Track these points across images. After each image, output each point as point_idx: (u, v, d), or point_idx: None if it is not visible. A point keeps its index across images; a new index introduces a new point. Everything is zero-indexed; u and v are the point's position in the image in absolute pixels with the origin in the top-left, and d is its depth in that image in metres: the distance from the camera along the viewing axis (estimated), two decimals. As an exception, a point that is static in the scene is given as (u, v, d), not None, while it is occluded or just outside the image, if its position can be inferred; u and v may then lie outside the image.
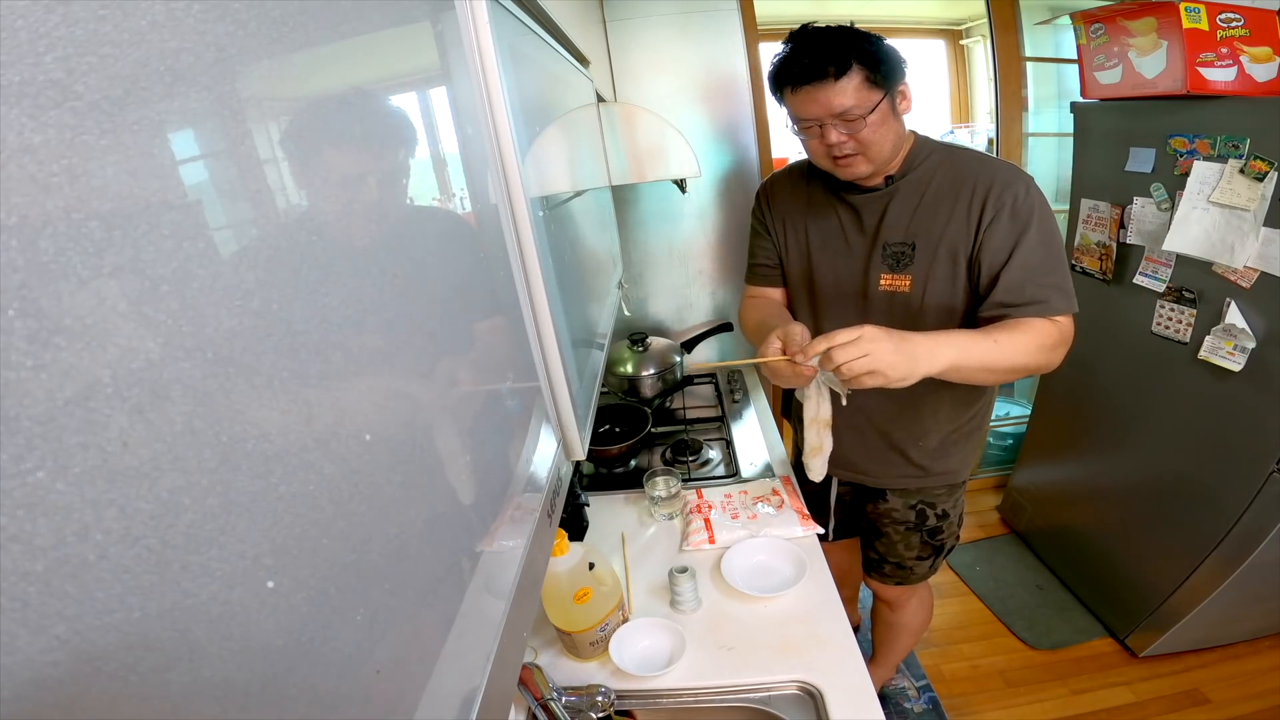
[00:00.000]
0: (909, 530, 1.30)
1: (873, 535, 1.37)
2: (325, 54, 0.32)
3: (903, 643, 1.57)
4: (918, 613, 1.50)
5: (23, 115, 0.16)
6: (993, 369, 0.95)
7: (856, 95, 0.91)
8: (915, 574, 1.36)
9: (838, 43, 0.90)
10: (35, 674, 0.15)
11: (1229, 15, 1.39)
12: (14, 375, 0.15)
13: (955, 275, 1.03)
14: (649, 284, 2.02)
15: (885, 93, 0.92)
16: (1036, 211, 0.98)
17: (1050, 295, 0.98)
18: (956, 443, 1.21)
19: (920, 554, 1.33)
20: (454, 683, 0.37)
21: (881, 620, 1.56)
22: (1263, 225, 1.33)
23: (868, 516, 1.36)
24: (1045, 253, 0.98)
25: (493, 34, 0.53)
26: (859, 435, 1.24)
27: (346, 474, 0.28)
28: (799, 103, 0.95)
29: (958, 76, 3.13)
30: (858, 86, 0.90)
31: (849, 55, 0.89)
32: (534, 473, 0.58)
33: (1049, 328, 0.98)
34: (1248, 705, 1.61)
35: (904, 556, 1.33)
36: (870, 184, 1.06)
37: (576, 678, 0.97)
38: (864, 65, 0.90)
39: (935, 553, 1.33)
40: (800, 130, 0.99)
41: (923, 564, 1.34)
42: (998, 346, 0.93)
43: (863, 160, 0.98)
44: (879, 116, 0.93)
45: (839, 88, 0.90)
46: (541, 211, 0.67)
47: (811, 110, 0.94)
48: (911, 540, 1.31)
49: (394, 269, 0.36)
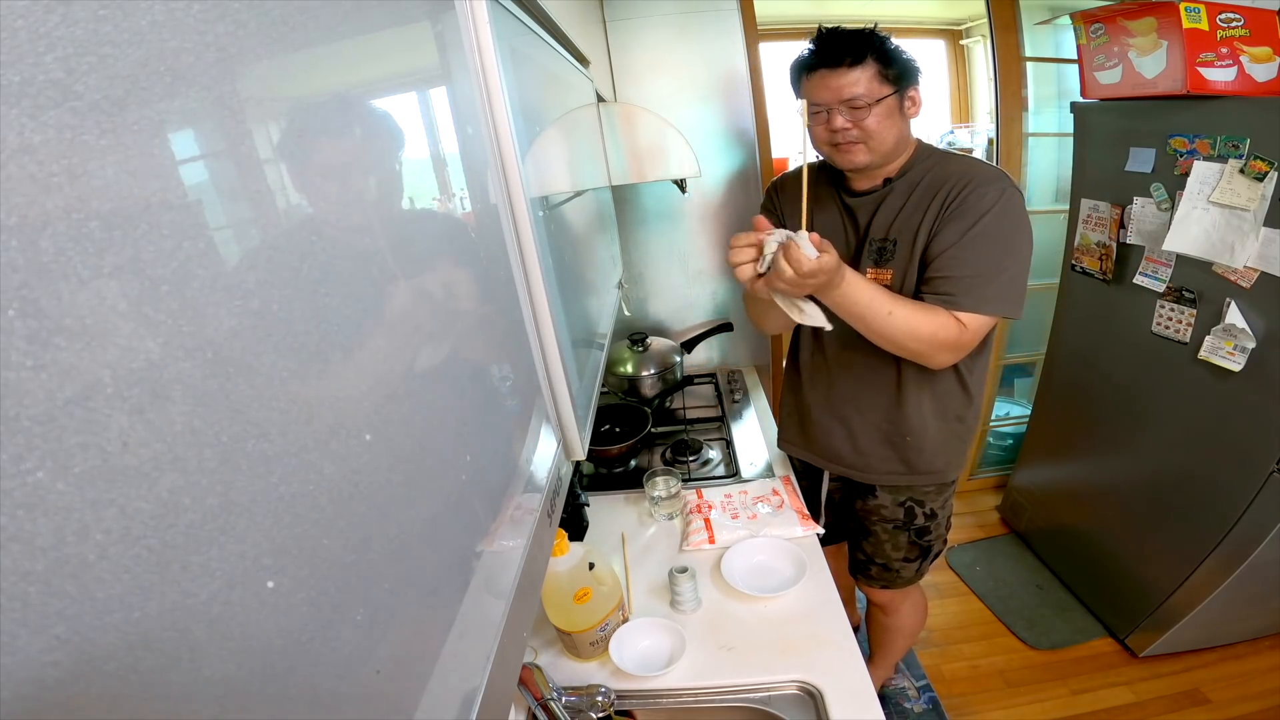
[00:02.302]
0: (897, 529, 1.31)
1: (860, 535, 1.37)
2: (325, 54, 0.32)
3: (898, 645, 1.58)
4: (910, 616, 1.51)
5: (23, 115, 0.16)
6: (880, 334, 0.99)
7: (867, 85, 0.96)
8: (902, 577, 1.36)
9: (859, 37, 0.97)
10: (35, 674, 0.15)
11: (1229, 15, 1.38)
12: (14, 375, 0.15)
13: None
14: (649, 284, 2.02)
15: (895, 90, 0.98)
16: (996, 212, 0.98)
17: (963, 290, 0.99)
18: (945, 442, 1.22)
19: (907, 555, 1.33)
20: (454, 683, 0.37)
21: (876, 623, 1.57)
22: (1263, 225, 1.33)
23: (856, 515, 1.37)
24: (985, 251, 0.99)
25: (493, 34, 0.53)
26: (847, 428, 1.25)
27: (346, 474, 0.28)
28: (812, 87, 1.00)
29: (958, 76, 3.13)
30: (870, 78, 0.96)
31: (866, 49, 0.95)
32: (534, 472, 0.58)
33: (950, 323, 0.99)
34: (1248, 705, 1.61)
35: (891, 558, 1.34)
36: (870, 186, 1.10)
37: (576, 678, 0.97)
38: (878, 60, 0.96)
39: (922, 555, 1.34)
40: (811, 115, 1.03)
41: (909, 566, 1.35)
42: (891, 317, 0.96)
43: (863, 149, 1.01)
44: (884, 110, 0.98)
45: (852, 76, 0.96)
46: (541, 211, 0.67)
47: (822, 95, 0.99)
48: (899, 540, 1.32)
49: (394, 269, 0.36)
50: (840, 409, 1.24)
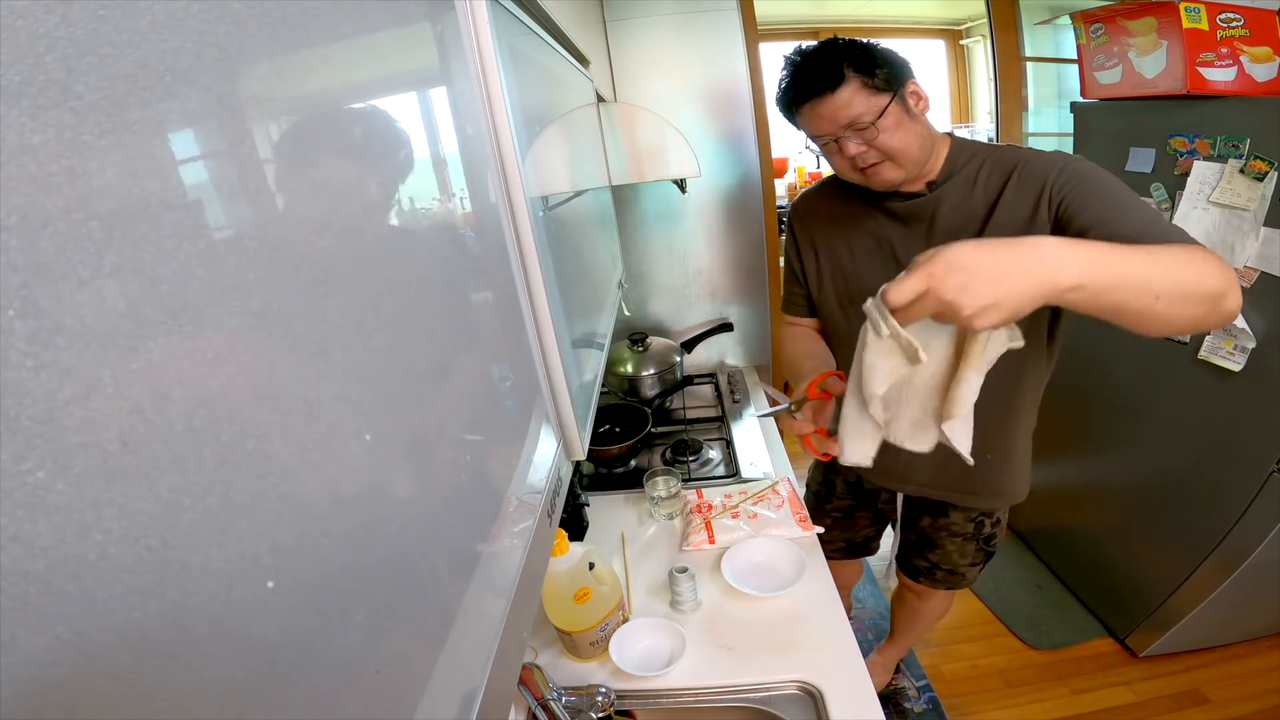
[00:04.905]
0: (966, 540, 1.29)
1: (925, 546, 1.34)
2: (325, 54, 0.32)
3: (923, 625, 1.60)
4: (945, 600, 1.52)
5: (23, 115, 0.16)
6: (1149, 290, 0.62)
7: (860, 102, 0.87)
8: (967, 579, 1.36)
9: (827, 55, 0.88)
10: (35, 674, 0.15)
11: (1229, 15, 1.38)
12: (14, 375, 0.15)
13: None
14: (649, 284, 2.02)
15: (892, 95, 0.88)
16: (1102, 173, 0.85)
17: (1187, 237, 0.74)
18: (1023, 462, 1.17)
19: (973, 560, 1.32)
20: (454, 682, 0.37)
21: (907, 606, 1.57)
22: (1263, 225, 1.33)
23: (923, 531, 1.33)
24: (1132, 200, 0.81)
25: (493, 34, 0.53)
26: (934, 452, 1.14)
27: (346, 474, 0.28)
28: (808, 121, 0.92)
29: (958, 76, 3.13)
30: (857, 92, 0.87)
31: (840, 64, 0.86)
32: (534, 473, 0.58)
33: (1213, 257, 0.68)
34: (1248, 705, 1.61)
35: (958, 564, 1.33)
36: (912, 189, 0.98)
37: (576, 678, 0.97)
38: (858, 71, 0.86)
39: (987, 558, 1.33)
40: (820, 149, 0.96)
41: (974, 569, 1.35)
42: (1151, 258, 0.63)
43: (890, 166, 0.92)
44: (892, 120, 0.88)
45: (839, 98, 0.87)
46: (541, 211, 0.67)
47: (822, 126, 0.91)
48: (967, 549, 1.30)
49: (394, 268, 0.36)
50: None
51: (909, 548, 1.39)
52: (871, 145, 0.90)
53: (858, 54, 0.87)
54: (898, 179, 0.93)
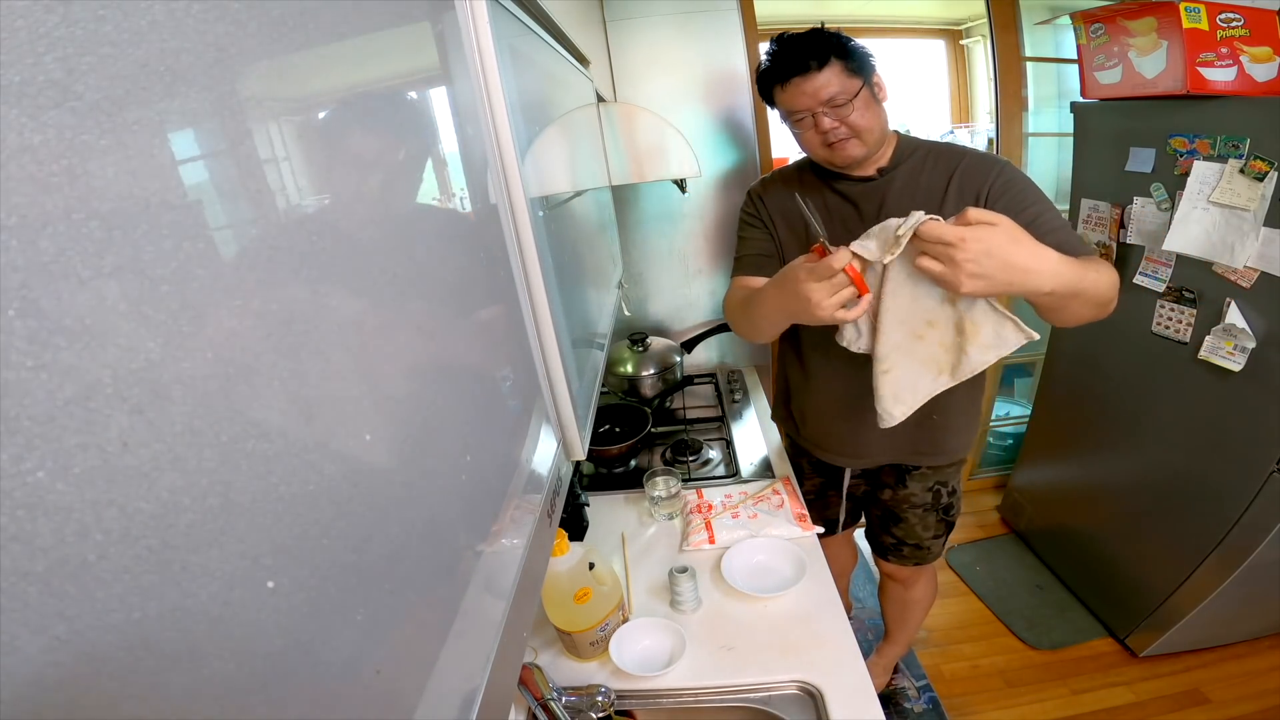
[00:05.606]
0: (927, 511, 1.37)
1: (890, 521, 1.42)
2: (325, 54, 0.32)
3: (916, 617, 1.64)
4: (928, 586, 1.59)
5: (23, 115, 0.16)
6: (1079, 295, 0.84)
7: (838, 83, 0.99)
8: (932, 553, 1.44)
9: (814, 39, 1.00)
10: (35, 674, 0.15)
11: (1229, 15, 1.38)
12: (14, 375, 0.15)
13: None
14: (649, 284, 2.02)
15: (863, 81, 1.01)
16: (1029, 178, 1.03)
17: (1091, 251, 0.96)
18: (968, 422, 1.27)
19: (936, 533, 1.40)
20: (454, 683, 0.37)
21: (894, 599, 1.62)
22: (1263, 225, 1.33)
23: (884, 505, 1.41)
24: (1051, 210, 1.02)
25: (493, 34, 0.53)
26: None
27: (346, 474, 0.28)
28: (789, 98, 1.03)
29: (958, 76, 3.13)
30: (838, 74, 0.99)
31: (826, 48, 0.98)
32: (534, 472, 0.58)
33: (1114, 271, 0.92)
34: (1248, 705, 1.61)
35: (922, 538, 1.41)
36: (862, 174, 1.11)
37: (576, 678, 0.97)
38: (840, 56, 0.99)
39: (947, 530, 1.42)
40: (794, 124, 1.06)
41: (938, 542, 1.43)
42: (1094, 274, 0.86)
43: (856, 143, 1.04)
44: (863, 101, 1.01)
45: (822, 77, 0.98)
46: (541, 211, 0.67)
47: (802, 102, 1.01)
48: (929, 520, 1.38)
49: (394, 268, 0.36)
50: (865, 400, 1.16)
51: (875, 523, 1.49)
52: (844, 122, 1.02)
53: (838, 42, 1.00)
54: (860, 155, 1.06)
